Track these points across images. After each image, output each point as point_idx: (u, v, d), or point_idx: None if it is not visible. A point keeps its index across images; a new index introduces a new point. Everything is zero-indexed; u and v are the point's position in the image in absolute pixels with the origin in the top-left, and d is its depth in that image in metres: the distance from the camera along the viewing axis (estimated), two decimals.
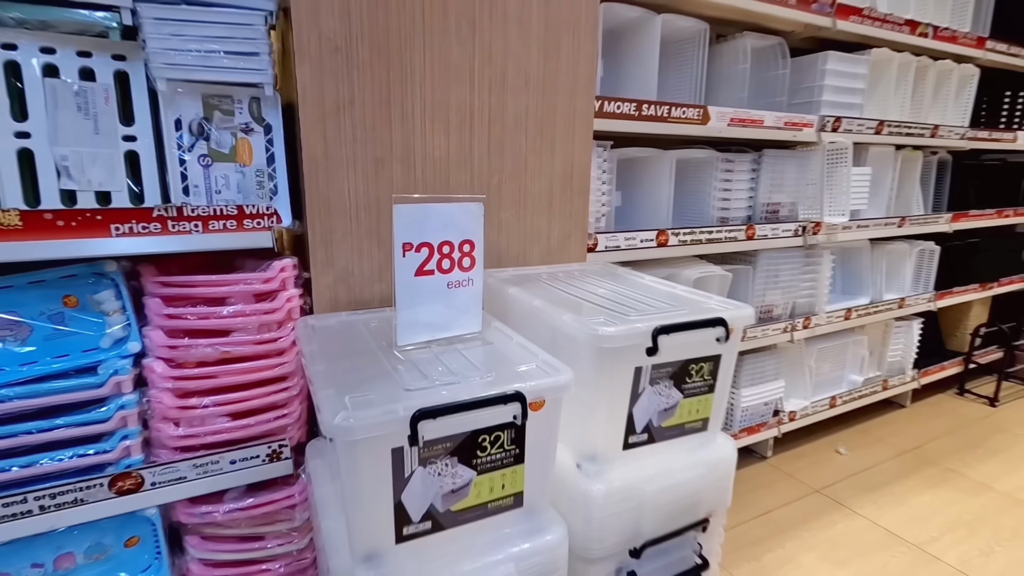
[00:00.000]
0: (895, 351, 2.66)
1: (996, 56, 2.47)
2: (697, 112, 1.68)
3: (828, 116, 1.98)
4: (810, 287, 2.18)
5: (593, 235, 1.57)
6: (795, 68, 2.03)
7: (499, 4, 1.16)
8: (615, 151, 1.65)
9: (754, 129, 1.82)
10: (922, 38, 2.17)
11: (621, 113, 1.54)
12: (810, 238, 2.08)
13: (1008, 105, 2.67)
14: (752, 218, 1.97)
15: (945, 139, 2.40)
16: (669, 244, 1.74)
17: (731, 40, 1.85)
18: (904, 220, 2.38)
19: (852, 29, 1.96)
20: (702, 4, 1.66)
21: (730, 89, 1.86)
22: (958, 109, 2.47)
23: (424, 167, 1.16)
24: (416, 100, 1.12)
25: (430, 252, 0.89)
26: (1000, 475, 2.22)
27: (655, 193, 1.78)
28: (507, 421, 0.76)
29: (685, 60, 1.78)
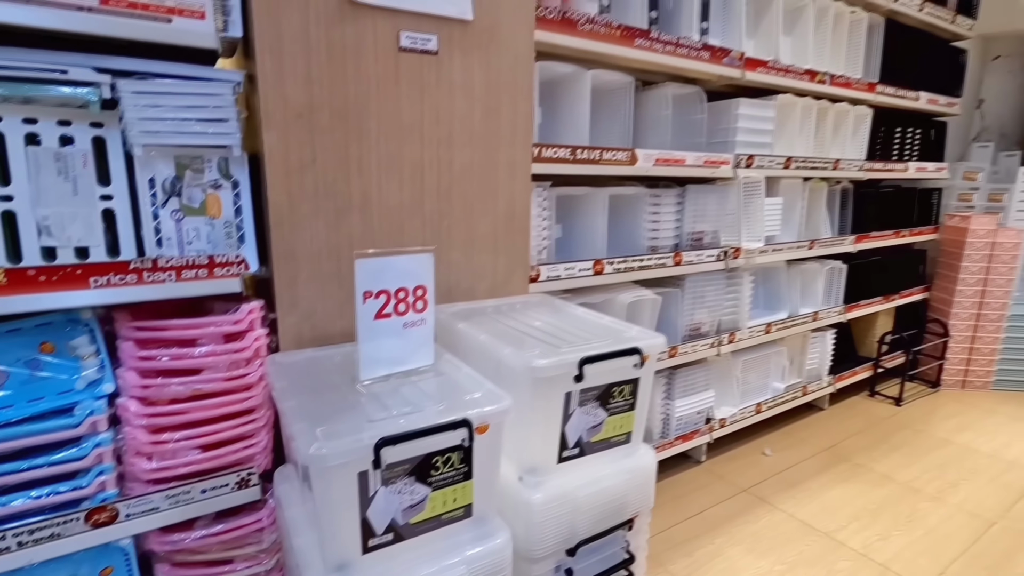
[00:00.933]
0: (812, 359, 2.96)
1: (885, 98, 2.83)
2: (626, 155, 1.89)
3: (742, 154, 2.24)
4: (733, 306, 2.43)
5: (536, 267, 1.74)
6: (713, 112, 2.28)
7: (445, 72, 1.32)
8: (554, 190, 1.83)
9: (677, 168, 2.05)
10: (821, 84, 2.48)
11: (558, 158, 1.72)
12: (731, 262, 2.32)
13: (899, 140, 3.04)
14: (679, 246, 2.19)
15: (846, 171, 2.72)
16: (605, 272, 1.92)
17: (656, 88, 2.08)
18: (814, 243, 2.67)
19: (759, 79, 2.23)
20: (627, 61, 1.87)
21: (656, 132, 2.08)
22: (856, 144, 2.80)
23: (380, 215, 1.29)
24: (372, 157, 1.26)
25: (387, 298, 1.02)
26: (901, 467, 2.51)
27: (592, 226, 1.97)
28: (456, 444, 0.90)
29: (615, 107, 1.99)
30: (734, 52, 2.11)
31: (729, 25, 2.20)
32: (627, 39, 1.81)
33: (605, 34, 1.75)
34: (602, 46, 1.76)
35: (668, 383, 2.32)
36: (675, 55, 1.94)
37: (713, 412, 2.49)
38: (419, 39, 1.26)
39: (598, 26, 1.73)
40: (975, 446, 2.73)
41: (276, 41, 1.12)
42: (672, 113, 2.10)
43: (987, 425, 2.95)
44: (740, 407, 2.59)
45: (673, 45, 1.92)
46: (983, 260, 3.27)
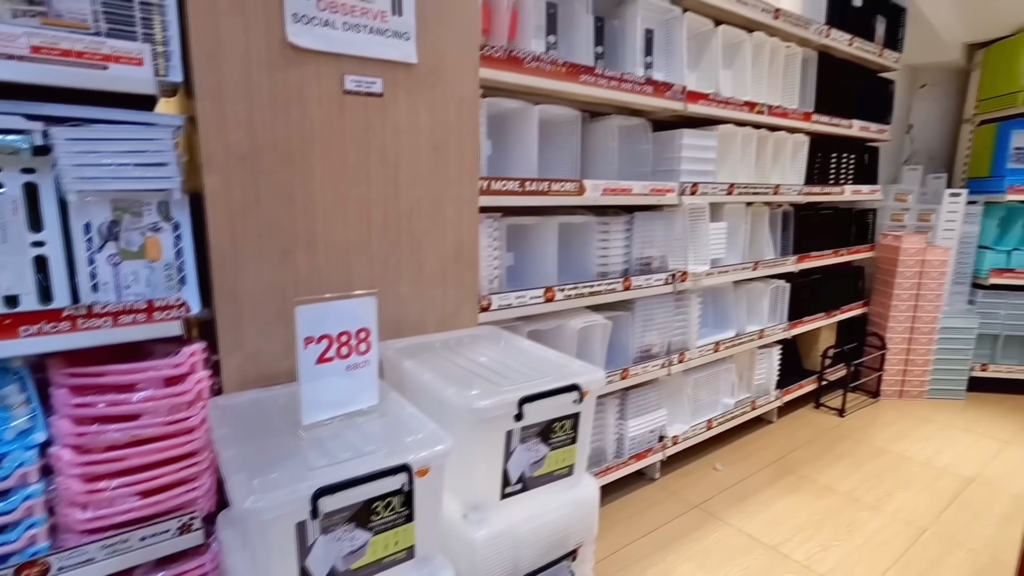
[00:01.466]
0: (760, 375, 3.08)
1: (820, 126, 3.00)
2: (574, 185, 1.95)
3: (687, 182, 2.34)
4: (682, 327, 2.51)
5: (487, 296, 1.77)
6: (659, 142, 2.37)
7: (391, 113, 1.35)
8: (505, 220, 1.87)
9: (625, 196, 2.12)
10: (760, 115, 2.61)
11: (507, 190, 1.77)
12: (679, 285, 2.41)
13: (835, 165, 3.22)
14: (628, 271, 2.27)
15: (786, 195, 2.87)
16: (556, 299, 1.97)
17: (603, 120, 2.16)
18: (758, 264, 2.80)
19: (701, 111, 2.34)
20: (574, 95, 1.94)
21: (604, 162, 2.16)
22: (795, 170, 2.96)
23: (327, 254, 1.30)
24: (317, 197, 1.27)
25: (330, 342, 1.03)
26: (842, 478, 2.63)
27: (543, 254, 2.02)
28: (397, 488, 0.92)
29: (564, 139, 2.05)
30: (676, 86, 2.21)
31: (672, 60, 2.31)
32: (572, 75, 1.88)
33: (551, 71, 1.82)
34: (548, 82, 1.82)
35: (621, 404, 2.38)
36: (619, 90, 2.02)
37: (666, 430, 2.56)
38: (364, 82, 1.29)
39: (543, 63, 1.79)
40: (910, 454, 2.88)
41: (217, 87, 1.13)
42: (619, 144, 2.19)
43: (921, 433, 3.13)
44: (692, 424, 2.67)
45: (617, 80, 2.00)
46: (915, 276, 3.48)
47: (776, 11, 2.57)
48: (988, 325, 3.61)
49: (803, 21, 2.73)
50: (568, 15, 2.00)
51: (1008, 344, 3.66)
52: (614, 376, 2.22)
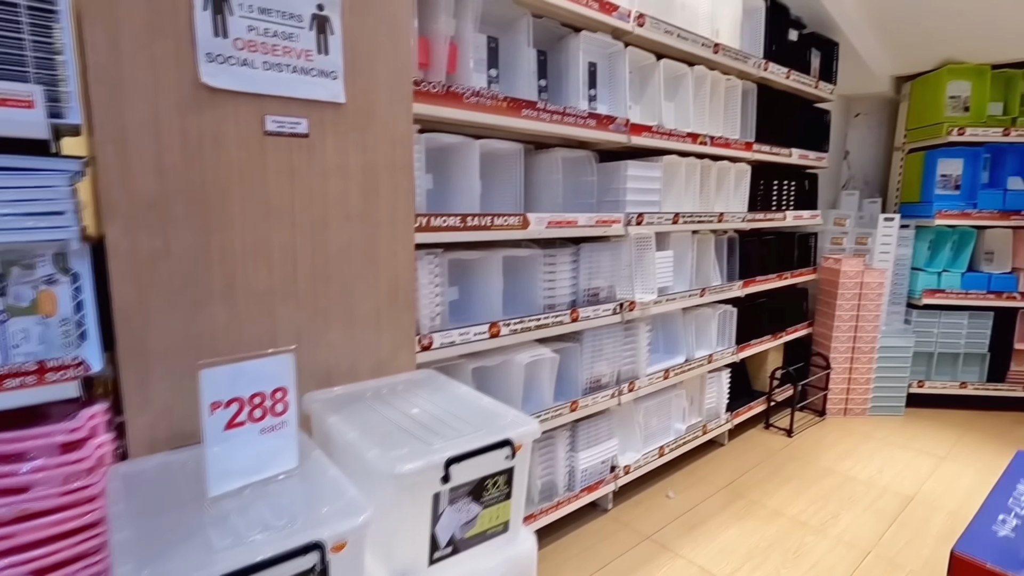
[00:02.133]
0: (710, 398, 3.11)
1: (762, 155, 3.09)
2: (517, 219, 1.93)
3: (632, 213, 2.36)
4: (631, 356, 2.52)
5: (428, 335, 1.72)
6: (604, 173, 2.39)
7: (318, 155, 1.29)
8: (447, 255, 1.83)
9: (570, 229, 2.12)
10: (703, 145, 2.67)
11: (448, 226, 1.73)
12: (627, 314, 2.41)
13: (776, 191, 3.32)
14: (576, 302, 2.26)
15: (730, 222, 2.93)
16: (501, 335, 1.94)
17: (547, 152, 2.16)
18: (705, 291, 2.84)
19: (646, 142, 2.37)
20: (516, 130, 1.93)
21: (549, 194, 2.15)
22: (738, 197, 3.03)
23: (248, 302, 1.23)
24: (236, 243, 1.20)
25: (240, 406, 0.96)
26: (790, 501, 2.67)
27: (487, 288, 1.98)
28: (308, 568, 0.85)
29: (507, 172, 2.04)
30: (619, 119, 2.23)
31: (615, 93, 2.34)
32: (514, 110, 1.86)
33: (491, 106, 1.80)
34: (489, 117, 1.80)
35: (572, 436, 2.35)
36: (562, 123, 2.03)
37: (617, 460, 2.54)
38: (287, 123, 1.23)
39: (484, 98, 1.77)
40: (854, 473, 2.96)
41: (119, 131, 1.05)
42: (564, 176, 2.19)
43: (864, 451, 3.22)
44: (644, 452, 2.66)
45: (560, 114, 2.00)
46: (854, 298, 3.61)
47: (716, 46, 2.64)
48: (923, 343, 3.77)
49: (742, 55, 2.82)
50: (510, 49, 2.00)
51: (941, 361, 3.83)
52: (563, 409, 2.20)
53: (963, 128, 3.58)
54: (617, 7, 2.16)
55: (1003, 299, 3.66)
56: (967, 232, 3.73)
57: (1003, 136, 3.60)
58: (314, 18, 1.24)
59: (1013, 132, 3.59)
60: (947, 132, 3.58)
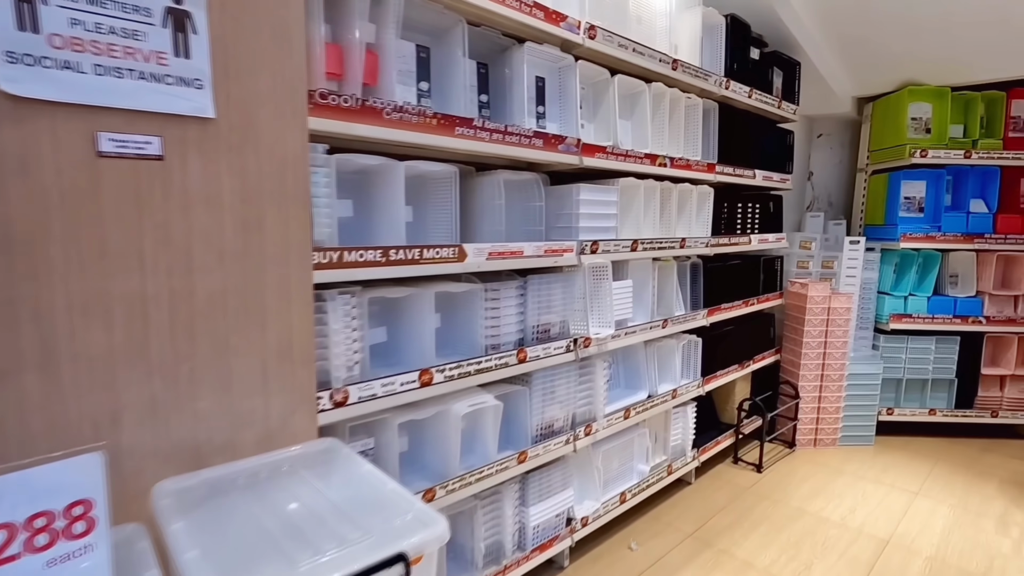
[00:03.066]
0: (676, 435, 2.91)
1: (725, 177, 2.94)
2: (452, 251, 1.69)
3: (586, 240, 2.15)
4: (587, 396, 2.29)
5: (343, 388, 1.47)
6: (554, 197, 2.18)
7: (177, 181, 1.04)
8: (367, 293, 1.58)
9: (515, 260, 1.89)
10: (662, 167, 2.50)
11: (367, 261, 1.49)
12: (582, 351, 2.19)
13: (741, 214, 3.18)
14: (524, 341, 2.03)
15: (693, 248, 2.76)
16: (434, 382, 1.69)
17: (488, 175, 1.94)
18: (667, 322, 2.65)
19: (600, 164, 2.17)
20: (450, 151, 1.71)
21: (491, 222, 1.93)
22: (701, 221, 2.87)
23: (76, 370, 0.96)
24: (58, 296, 0.93)
25: (10, 533, 0.69)
26: (760, 549, 2.47)
27: (419, 330, 1.74)
28: None
29: (442, 198, 1.81)
30: (570, 139, 2.03)
31: (566, 110, 2.14)
32: (446, 128, 1.64)
33: (419, 123, 1.57)
34: (417, 136, 1.58)
35: (521, 490, 2.10)
36: (504, 143, 1.81)
37: (574, 511, 2.30)
38: (131, 142, 0.98)
39: (409, 115, 1.54)
40: (826, 514, 2.78)
41: None
42: (508, 201, 1.97)
43: (836, 488, 3.05)
44: (603, 500, 2.43)
45: (501, 133, 1.79)
46: (822, 324, 3.48)
47: (674, 62, 2.48)
48: (891, 369, 3.66)
49: (702, 72, 2.67)
50: (443, 60, 1.78)
51: (910, 387, 3.72)
52: (510, 461, 1.95)
53: (925, 150, 3.52)
54: (565, 17, 1.98)
55: (969, 323, 3.59)
56: (932, 255, 3.66)
57: (964, 158, 3.55)
58: (169, 12, 0.99)
59: (974, 154, 3.54)
60: (909, 154, 3.52)
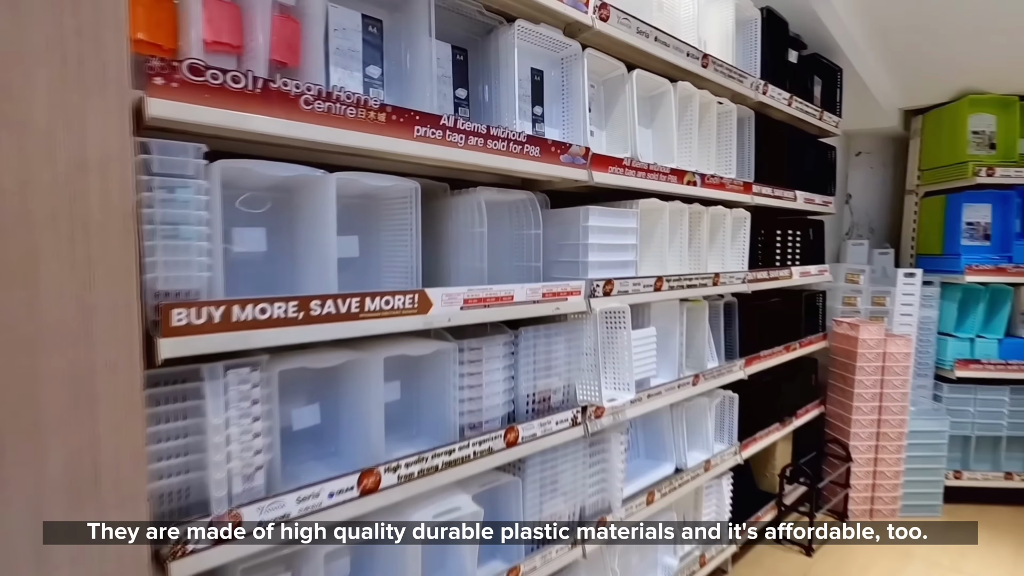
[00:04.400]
0: (708, 514, 2.35)
1: (763, 199, 2.44)
2: (410, 300, 1.20)
3: (597, 279, 1.64)
4: (600, 482, 1.76)
5: (233, 511, 0.96)
6: (557, 223, 1.69)
7: None
8: (276, 365, 1.08)
9: (502, 308, 1.39)
10: (691, 186, 2.00)
11: (273, 319, 0.99)
12: (592, 424, 1.67)
13: (780, 243, 2.68)
14: (514, 415, 1.51)
15: (728, 284, 2.25)
16: (382, 487, 1.18)
17: (465, 194, 1.45)
18: (698, 377, 2.12)
19: (613, 181, 1.68)
20: (405, 159, 1.23)
21: (470, 256, 1.43)
22: (735, 251, 2.37)
23: None
24: None
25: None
26: None
27: (363, 407, 1.23)
28: None
29: (398, 224, 1.32)
30: (575, 147, 1.55)
31: (571, 112, 1.67)
32: (400, 127, 1.16)
33: (358, 118, 1.09)
34: (355, 137, 1.10)
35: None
36: (486, 150, 1.33)
37: None
38: None
39: (341, 105, 1.07)
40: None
41: None
42: (493, 228, 1.48)
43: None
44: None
45: (480, 136, 1.31)
46: (876, 372, 2.93)
47: (704, 57, 2.02)
48: (958, 425, 3.09)
49: (737, 72, 2.20)
50: (402, 39, 1.32)
51: (981, 447, 3.14)
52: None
53: (991, 168, 3.02)
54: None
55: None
56: (1002, 290, 3.12)
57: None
58: None
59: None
60: (972, 172, 3.01)
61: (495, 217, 1.55)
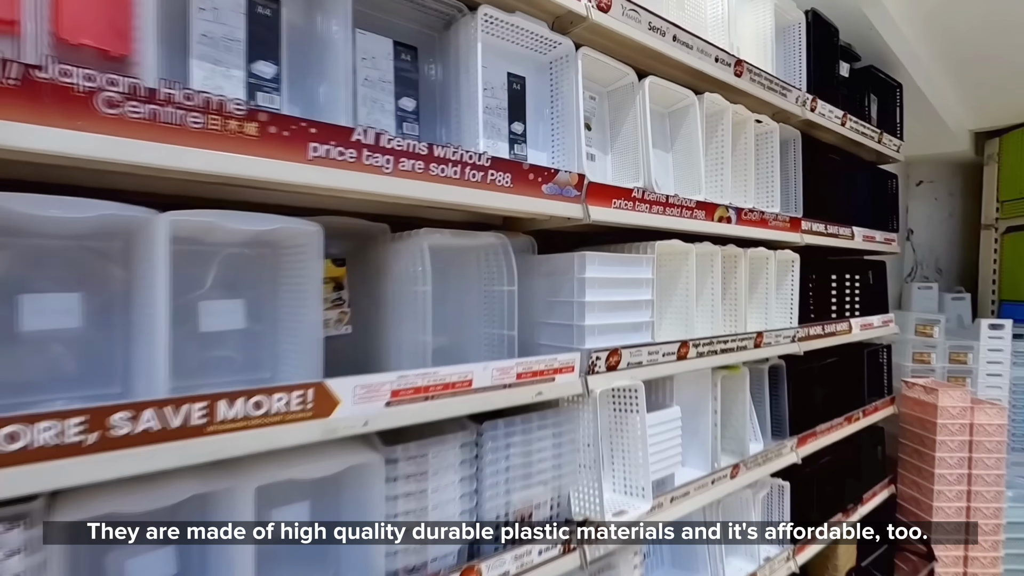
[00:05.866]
0: None
1: (814, 238, 1.99)
2: (299, 398, 0.80)
3: (598, 350, 1.22)
4: None
5: None
6: (545, 272, 1.29)
7: None
8: (70, 506, 0.69)
9: (454, 399, 0.98)
10: (723, 223, 1.58)
11: (44, 449, 0.61)
12: (593, 549, 1.22)
13: (836, 290, 2.20)
14: (477, 547, 1.07)
15: (775, 345, 1.78)
16: None
17: (404, 240, 1.06)
18: (738, 468, 1.65)
19: (619, 219, 1.27)
20: (318, 191, 0.85)
21: (411, 327, 1.03)
22: (782, 303, 1.90)
23: None
24: None
25: None
26: None
27: (229, 561, 0.82)
28: None
29: (293, 280, 0.93)
30: (563, 174, 1.15)
31: (561, 130, 1.28)
32: (284, 144, 0.78)
33: (210, 131, 0.72)
34: (204, 157, 0.72)
35: None
36: (429, 178, 0.94)
37: None
38: None
39: (180, 111, 0.70)
40: None
41: None
42: (449, 283, 1.08)
43: None
44: None
45: (419, 159, 0.92)
46: (962, 448, 2.38)
47: (738, 63, 1.62)
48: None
49: (779, 84, 1.79)
50: (308, 26, 0.96)
51: None
52: None
53: None
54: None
55: None
56: None
57: None
58: None
59: None
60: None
61: (456, 269, 1.15)
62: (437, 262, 1.06)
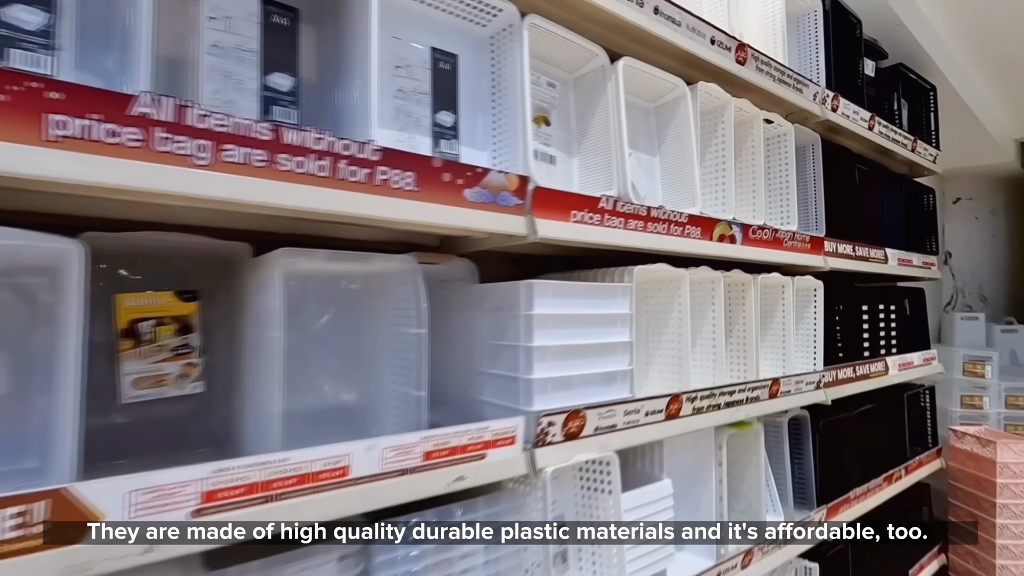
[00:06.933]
0: None
1: (839, 261, 1.66)
2: (18, 518, 0.49)
3: (551, 413, 0.90)
4: None
5: None
6: (489, 308, 0.98)
7: None
8: None
9: (323, 494, 0.66)
10: (725, 243, 1.26)
11: None
12: None
13: (868, 323, 1.85)
14: None
15: (794, 394, 1.44)
16: None
17: (260, 265, 0.76)
18: (751, 555, 1.29)
19: (578, 236, 0.96)
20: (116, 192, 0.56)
21: (263, 391, 0.72)
22: (803, 341, 1.57)
23: None
24: None
25: None
26: None
27: None
28: None
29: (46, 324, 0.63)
30: (494, 175, 0.84)
31: (505, 123, 0.99)
32: None
33: None
34: None
35: None
36: (275, 174, 0.65)
37: None
38: None
39: None
40: None
41: None
42: (351, 327, 0.78)
43: None
44: None
45: (261, 147, 0.63)
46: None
47: (740, 48, 1.32)
48: None
49: (792, 76, 1.49)
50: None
51: None
52: None
53: None
54: None
55: None
56: None
57: None
58: None
59: None
60: None
61: (367, 304, 0.85)
62: (331, 295, 0.76)
